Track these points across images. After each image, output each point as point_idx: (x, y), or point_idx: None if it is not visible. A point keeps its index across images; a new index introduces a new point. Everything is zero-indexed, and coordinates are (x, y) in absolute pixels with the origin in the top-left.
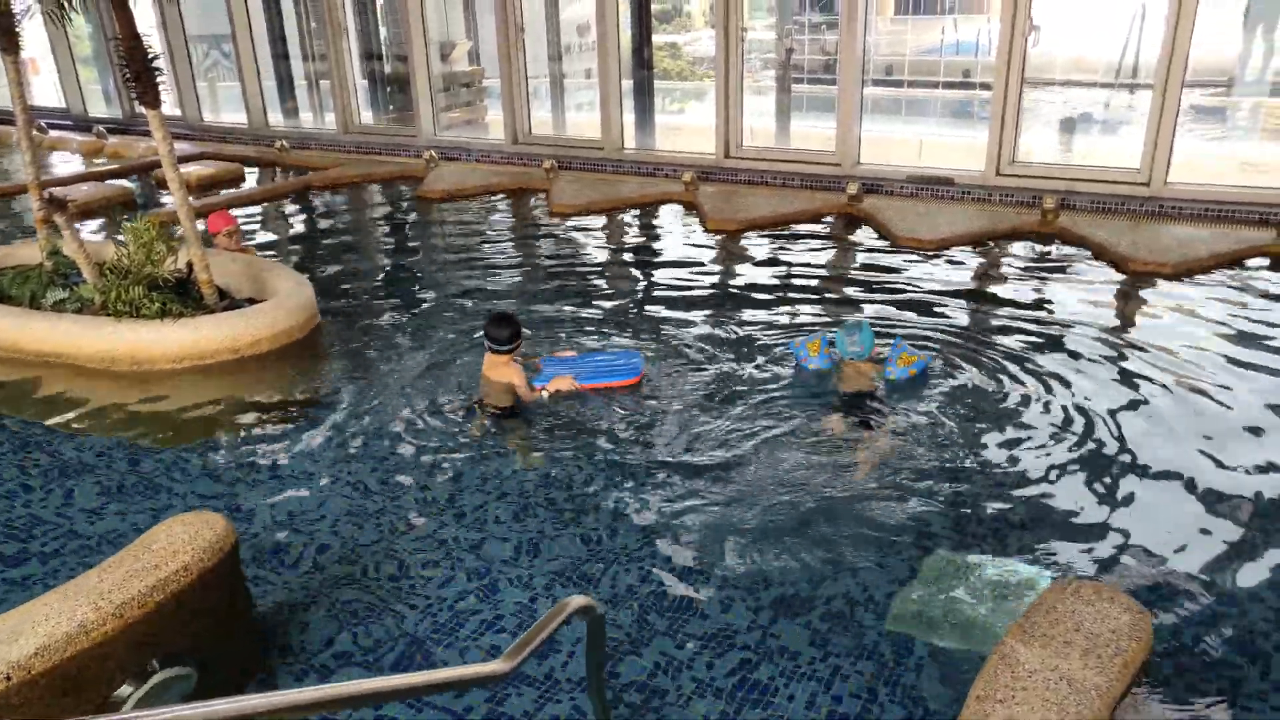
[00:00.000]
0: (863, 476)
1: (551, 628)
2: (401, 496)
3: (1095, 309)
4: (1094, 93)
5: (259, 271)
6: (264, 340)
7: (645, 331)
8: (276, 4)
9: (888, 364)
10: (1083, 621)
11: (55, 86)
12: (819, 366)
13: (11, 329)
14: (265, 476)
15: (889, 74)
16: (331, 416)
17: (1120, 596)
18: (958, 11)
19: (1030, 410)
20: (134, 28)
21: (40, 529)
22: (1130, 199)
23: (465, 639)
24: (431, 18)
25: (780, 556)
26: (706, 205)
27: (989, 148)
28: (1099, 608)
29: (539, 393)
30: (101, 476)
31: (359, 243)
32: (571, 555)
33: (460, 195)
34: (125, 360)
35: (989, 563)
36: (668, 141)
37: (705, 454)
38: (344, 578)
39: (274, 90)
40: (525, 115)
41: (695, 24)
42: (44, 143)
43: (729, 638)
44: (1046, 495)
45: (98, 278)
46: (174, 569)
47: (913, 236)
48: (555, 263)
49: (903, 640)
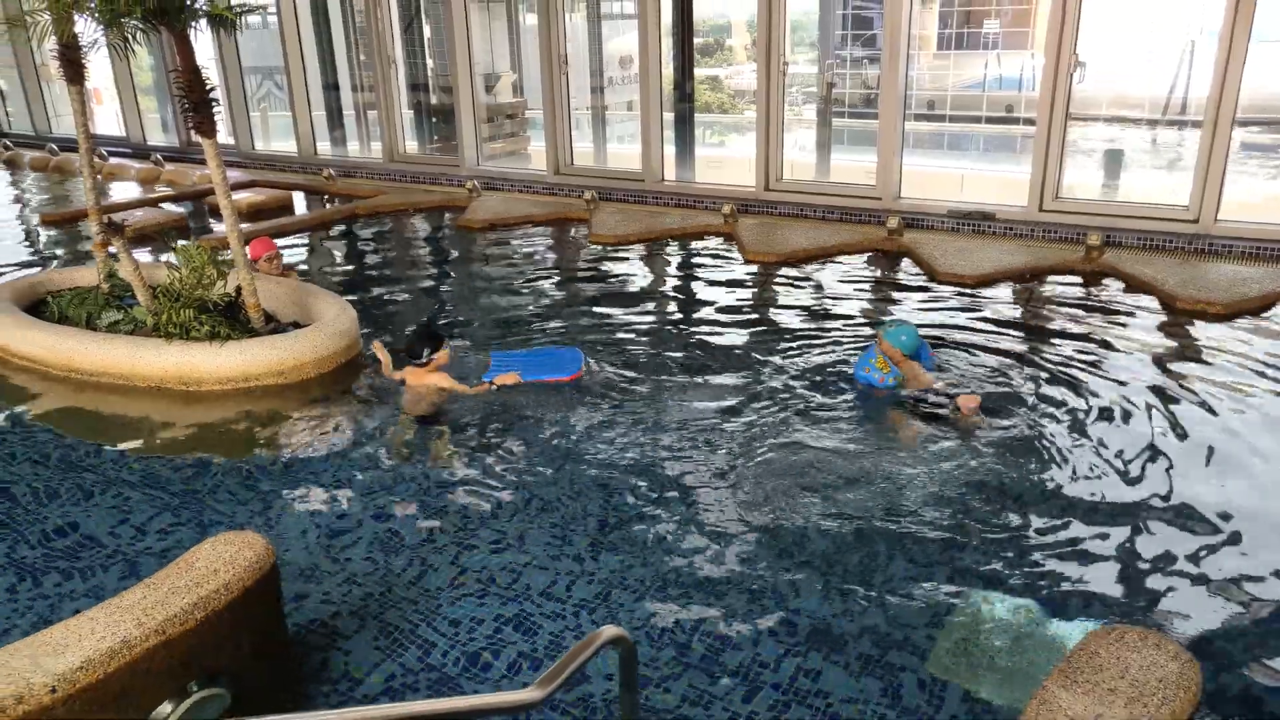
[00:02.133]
0: (905, 502)
1: (584, 657)
2: (439, 520)
3: (1142, 347)
4: (1140, 129)
5: (304, 296)
6: (308, 364)
7: (681, 355)
8: (328, 37)
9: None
10: (1129, 668)
11: (116, 115)
12: (893, 380)
13: (68, 349)
14: (305, 497)
15: (930, 108)
16: (371, 440)
17: (1168, 643)
18: (1001, 47)
19: (1073, 448)
20: (194, 61)
21: (87, 545)
22: (1178, 236)
23: (497, 666)
24: (478, 50)
25: (815, 585)
26: (746, 237)
27: (1032, 183)
28: (1146, 654)
29: (487, 386)
30: (147, 494)
31: (401, 270)
32: (606, 582)
33: (501, 225)
34: (174, 381)
35: (1029, 604)
36: (708, 174)
37: (743, 480)
38: (379, 601)
39: (323, 120)
40: (567, 146)
41: (737, 58)
42: (103, 169)
43: (760, 669)
44: (1089, 536)
45: (150, 300)
46: (214, 587)
47: (953, 272)
48: (594, 292)
49: (941, 683)
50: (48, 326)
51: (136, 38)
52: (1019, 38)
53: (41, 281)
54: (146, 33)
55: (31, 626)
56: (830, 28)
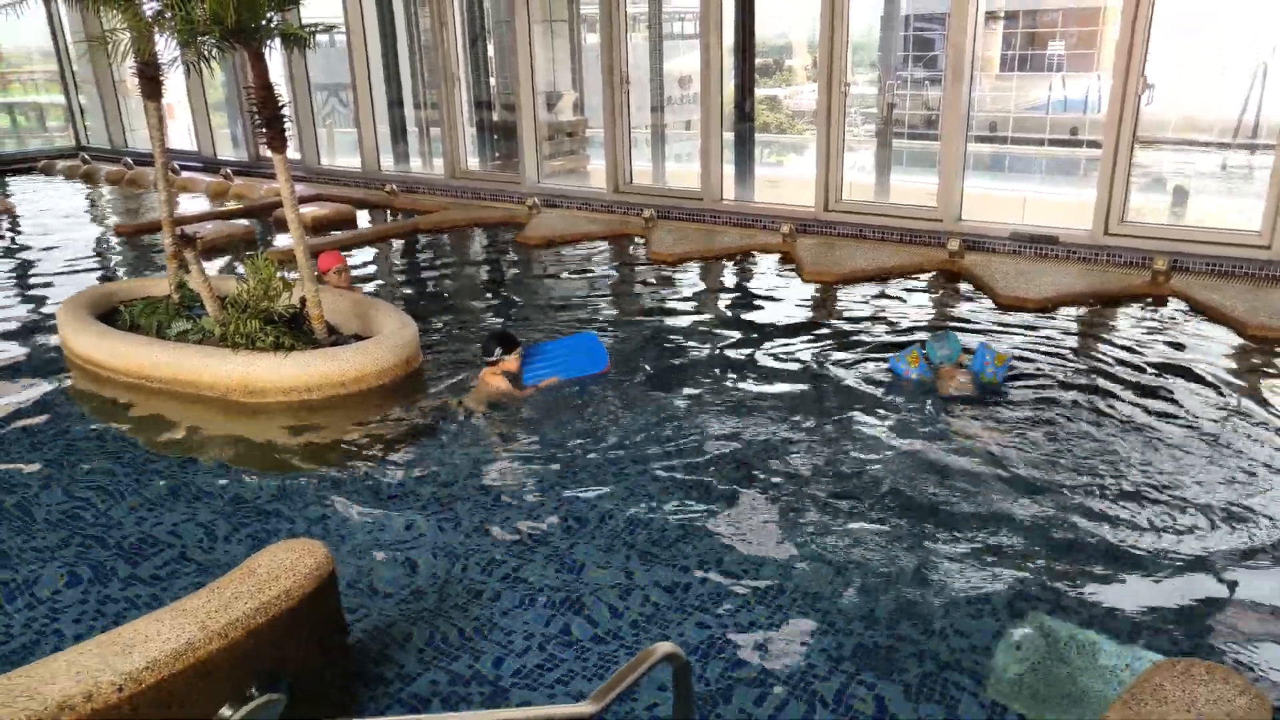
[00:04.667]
0: (963, 522)
1: (639, 672)
2: (495, 533)
3: (1212, 373)
4: (1209, 153)
5: (366, 309)
6: (369, 376)
7: (735, 371)
8: (394, 56)
9: (981, 367)
10: (1195, 701)
11: (189, 130)
12: (920, 375)
13: (139, 357)
14: (364, 507)
15: (993, 130)
16: (429, 452)
17: (1236, 677)
18: (1066, 69)
19: (1138, 477)
20: (267, 78)
21: (154, 548)
22: (1249, 262)
23: (553, 679)
24: (540, 69)
25: (871, 603)
26: (804, 256)
27: (1097, 206)
28: (1213, 688)
29: (532, 389)
30: (212, 500)
31: (461, 284)
32: (658, 596)
33: (561, 241)
34: (240, 390)
35: (1090, 633)
36: (766, 193)
37: (798, 495)
38: (435, 611)
39: (387, 136)
40: (627, 165)
41: (797, 78)
42: (175, 183)
43: (809, 683)
44: (1154, 565)
45: (219, 311)
46: (275, 593)
47: (1014, 295)
48: (653, 307)
49: (1001, 708)
50: (119, 334)
51: (212, 55)
52: (1084, 60)
53: (115, 291)
54: (223, 50)
55: (101, 628)
56: (892, 49)
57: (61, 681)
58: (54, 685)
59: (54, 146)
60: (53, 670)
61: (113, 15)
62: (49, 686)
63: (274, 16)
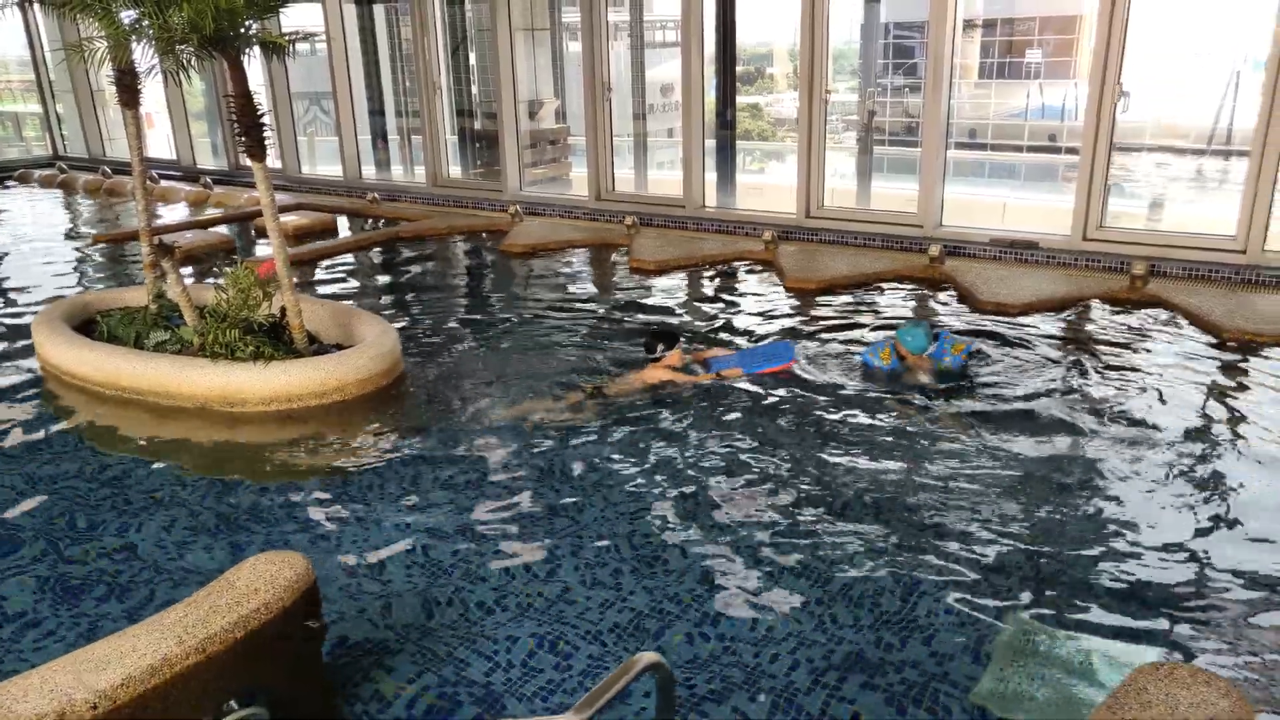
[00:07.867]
0: (949, 526)
1: (623, 683)
2: (478, 543)
3: (1188, 375)
4: (1185, 159)
5: (347, 318)
6: (350, 385)
7: (717, 380)
8: (375, 64)
9: (940, 355)
10: (1178, 705)
11: (167, 139)
12: (891, 368)
13: (116, 367)
14: (345, 518)
15: (972, 137)
16: (412, 461)
17: (1219, 681)
18: (1044, 76)
19: (1120, 477)
20: (247, 87)
21: (131, 562)
22: (1225, 266)
23: (536, 690)
24: (522, 77)
25: (854, 609)
26: (786, 264)
27: (1075, 212)
28: (1196, 692)
29: (713, 376)
30: (190, 512)
31: (443, 293)
32: (641, 605)
33: (543, 249)
34: (219, 400)
35: (1075, 635)
36: (748, 200)
37: (779, 501)
38: (417, 624)
39: (368, 145)
40: (609, 173)
41: (778, 86)
42: (154, 192)
43: (794, 694)
44: (1136, 568)
45: (197, 320)
46: (254, 607)
47: (995, 300)
48: (634, 315)
49: (980, 710)
50: (96, 345)
51: (191, 63)
52: (1062, 67)
53: (91, 301)
54: (201, 59)
55: (72, 644)
56: (872, 56)
57: (34, 699)
58: (26, 703)
59: (31, 156)
60: (25, 688)
61: (90, 23)
62: (21, 705)
63: (253, 24)
